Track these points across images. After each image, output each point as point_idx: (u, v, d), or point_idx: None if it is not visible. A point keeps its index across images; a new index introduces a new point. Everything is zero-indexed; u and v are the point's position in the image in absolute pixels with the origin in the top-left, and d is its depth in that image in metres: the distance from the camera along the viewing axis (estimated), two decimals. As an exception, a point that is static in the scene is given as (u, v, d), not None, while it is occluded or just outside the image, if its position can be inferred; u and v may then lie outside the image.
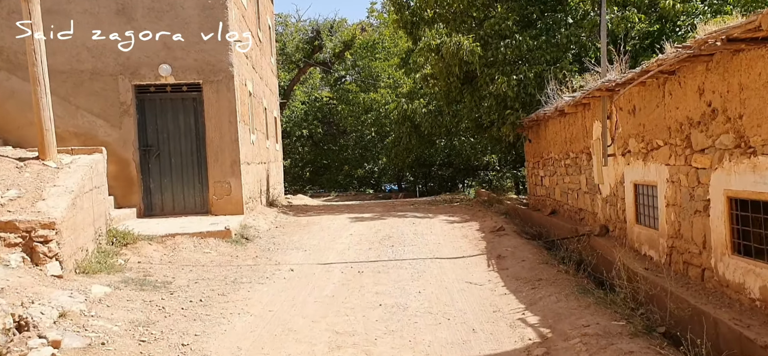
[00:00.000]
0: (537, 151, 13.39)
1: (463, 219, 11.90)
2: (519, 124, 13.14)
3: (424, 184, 34.26)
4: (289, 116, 32.42)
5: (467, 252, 8.32)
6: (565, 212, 11.28)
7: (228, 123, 10.72)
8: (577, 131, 10.11)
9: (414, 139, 22.70)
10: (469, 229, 10.32)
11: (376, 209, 14.56)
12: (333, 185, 34.57)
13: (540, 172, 13.31)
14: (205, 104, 10.69)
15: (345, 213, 13.77)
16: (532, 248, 8.19)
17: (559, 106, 9.99)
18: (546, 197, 12.84)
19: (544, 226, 11.66)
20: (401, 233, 10.11)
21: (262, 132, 15.05)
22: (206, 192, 10.82)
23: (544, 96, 11.59)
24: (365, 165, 33.35)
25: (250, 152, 12.35)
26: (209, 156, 10.75)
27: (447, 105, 16.46)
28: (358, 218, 12.58)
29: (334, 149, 34.99)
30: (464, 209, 13.86)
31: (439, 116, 20.89)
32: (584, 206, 10.04)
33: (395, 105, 24.75)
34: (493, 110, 13.80)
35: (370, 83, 33.04)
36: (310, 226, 11.26)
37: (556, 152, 11.78)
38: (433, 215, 12.91)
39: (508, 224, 10.36)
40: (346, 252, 8.50)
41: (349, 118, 31.63)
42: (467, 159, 24.38)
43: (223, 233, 8.90)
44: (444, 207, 14.79)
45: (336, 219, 12.38)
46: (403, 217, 12.53)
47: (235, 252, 8.35)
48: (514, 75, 13.02)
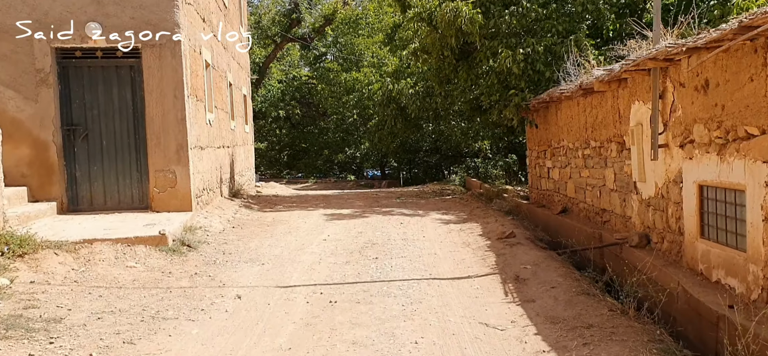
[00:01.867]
0: (544, 138, 11.52)
1: (459, 219, 10.00)
2: (525, 106, 11.24)
3: (408, 170, 32.33)
4: (264, 95, 30.19)
5: (473, 269, 6.41)
6: (581, 211, 9.44)
7: (173, 98, 8.64)
8: (604, 114, 8.23)
9: (399, 122, 20.70)
10: (470, 233, 8.42)
11: (357, 204, 12.60)
12: (312, 171, 32.49)
13: (547, 162, 11.45)
14: (145, 74, 8.58)
15: (320, 208, 11.79)
16: (557, 265, 6.31)
17: (584, 83, 8.08)
18: (554, 192, 10.99)
19: (555, 228, 9.82)
20: (387, 237, 8.17)
21: (224, 111, 12.96)
22: (146, 183, 8.76)
23: (562, 72, 9.69)
24: (346, 150, 31.30)
25: (205, 134, 10.28)
26: (149, 139, 8.67)
27: (439, 84, 14.49)
28: (335, 215, 10.62)
29: (315, 131, 32.89)
30: (459, 205, 11.97)
31: (427, 98, 18.90)
32: (610, 206, 8.20)
33: (379, 85, 22.75)
34: (494, 89, 11.87)
35: (353, 62, 30.90)
36: (275, 226, 9.27)
37: (570, 139, 9.91)
38: (424, 212, 10.99)
39: (517, 228, 8.46)
40: (315, 267, 6.54)
41: (330, 99, 29.51)
42: (456, 146, 22.46)
43: (157, 239, 6.87)
44: (435, 202, 12.88)
45: (309, 217, 10.40)
46: (389, 215, 10.60)
47: (170, 266, 6.34)
48: (520, 48, 11.09)
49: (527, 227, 9.11)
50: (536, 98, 10.76)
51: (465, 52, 13.35)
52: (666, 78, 6.15)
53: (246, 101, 18.49)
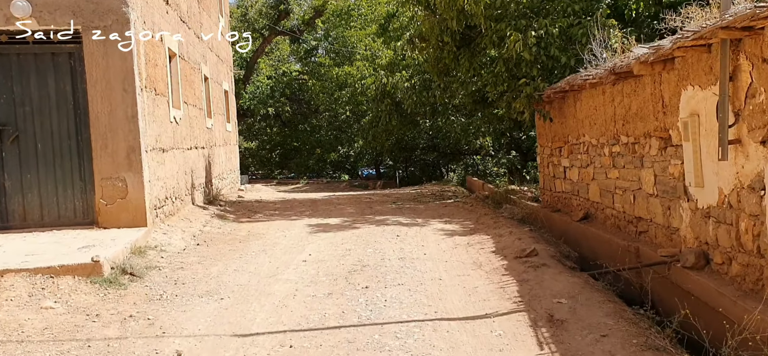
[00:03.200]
0: (559, 133, 10.11)
1: (466, 229, 8.58)
2: (537, 97, 9.82)
3: (404, 169, 30.87)
4: (253, 92, 28.66)
5: (491, 303, 4.99)
6: (607, 218, 8.05)
7: (122, 91, 7.18)
8: (641, 104, 6.83)
9: (394, 119, 19.30)
10: (481, 249, 7.00)
11: (348, 210, 11.16)
12: (303, 171, 31.00)
13: (562, 161, 10.04)
14: (88, 62, 7.13)
15: (305, 216, 10.35)
16: (600, 298, 4.89)
17: (617, 66, 6.67)
18: (571, 195, 9.59)
19: (576, 238, 8.43)
20: (381, 256, 6.75)
21: (197, 107, 11.51)
22: (91, 194, 7.30)
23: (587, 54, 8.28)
24: (339, 148, 29.84)
25: (168, 133, 8.83)
26: (94, 140, 7.21)
27: (437, 75, 13.06)
28: (321, 226, 9.18)
29: (307, 129, 31.41)
30: (463, 211, 10.56)
31: (424, 92, 17.52)
32: (648, 214, 6.81)
33: (372, 79, 21.32)
34: (501, 78, 10.46)
35: (345, 56, 29.41)
36: (249, 242, 7.83)
37: (593, 134, 8.51)
38: (424, 220, 9.57)
39: (538, 243, 7.03)
40: (288, 303, 5.10)
41: (321, 95, 28.03)
42: (456, 143, 21.03)
43: (88, 268, 5.43)
44: (435, 207, 11.47)
45: (290, 228, 8.96)
46: (383, 224, 9.18)
47: (100, 306, 4.91)
48: (531, 31, 9.67)
49: (548, 239, 7.69)
50: (551, 87, 9.35)
51: (467, 39, 11.94)
52: (738, 54, 4.75)
53: (228, 97, 17.02)
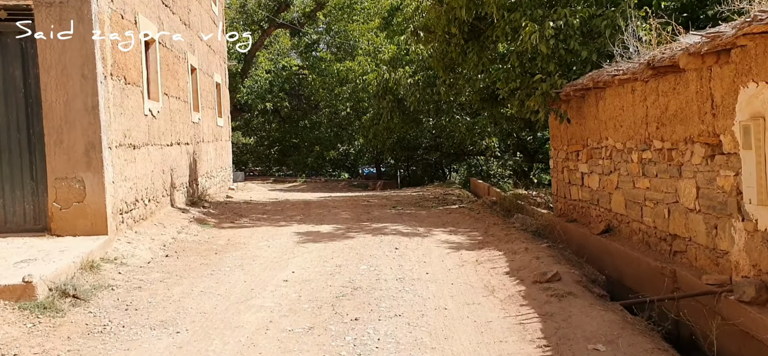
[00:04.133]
0: (577, 135, 9.13)
1: (473, 241, 7.60)
2: (554, 95, 8.82)
3: (406, 168, 29.87)
4: (250, 86, 27.69)
5: (509, 348, 4.01)
6: (633, 233, 7.07)
7: (80, 78, 6.22)
8: (682, 103, 5.85)
9: (396, 116, 18.32)
10: (493, 269, 6.02)
11: (343, 216, 10.18)
12: (302, 168, 30.01)
13: (580, 166, 9.06)
14: (40, 45, 6.17)
15: (295, 222, 9.37)
16: (647, 344, 3.91)
17: (656, 58, 5.67)
18: (590, 205, 8.61)
19: (597, 254, 7.46)
20: (376, 275, 5.78)
21: (180, 100, 10.54)
22: (43, 196, 6.34)
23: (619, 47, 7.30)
24: (339, 146, 28.85)
25: (141, 128, 7.87)
26: (48, 135, 6.25)
27: (443, 70, 12.06)
28: (311, 234, 8.20)
29: (307, 126, 30.43)
30: (469, 218, 9.58)
31: (428, 89, 16.53)
32: (686, 232, 5.84)
33: (374, 75, 20.35)
34: (514, 74, 9.47)
35: (347, 51, 28.41)
36: (226, 253, 6.85)
37: (618, 137, 7.53)
38: (426, 229, 8.59)
39: (559, 263, 6.03)
40: (258, 341, 4.12)
41: (321, 90, 27.03)
42: (460, 143, 20.01)
43: (18, 291, 4.47)
44: (438, 213, 10.49)
45: (276, 236, 7.98)
46: (380, 233, 8.20)
47: (21, 343, 3.95)
48: (549, 22, 8.68)
49: (569, 258, 6.69)
50: (571, 84, 8.36)
51: (476, 31, 10.95)
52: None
53: (220, 90, 16.05)
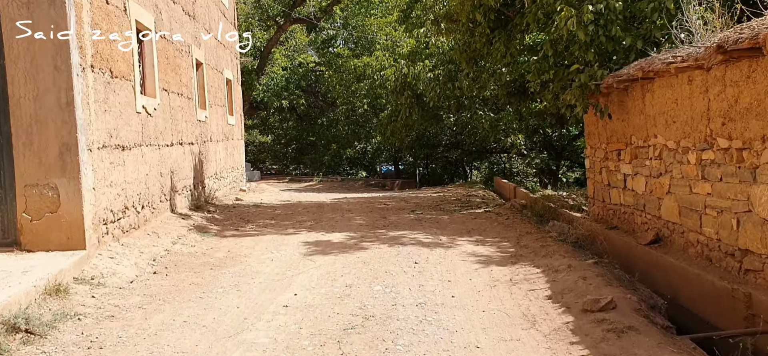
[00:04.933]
0: (618, 132, 8.12)
1: (505, 254, 6.65)
2: (594, 87, 7.82)
3: (425, 166, 28.91)
4: (266, 83, 26.94)
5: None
6: (691, 246, 6.07)
7: (53, 71, 5.42)
8: (761, 94, 4.85)
9: (415, 112, 17.41)
10: (531, 291, 5.08)
11: (357, 221, 9.28)
12: (318, 167, 29.22)
13: (622, 167, 8.05)
14: (5, 30, 5.39)
15: (304, 230, 8.49)
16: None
17: (729, 40, 4.69)
18: (634, 210, 7.61)
19: (646, 268, 6.47)
20: (393, 298, 4.89)
21: (183, 96, 9.75)
22: (11, 205, 5.56)
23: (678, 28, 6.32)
24: (356, 144, 27.99)
25: (132, 126, 7.07)
26: (16, 136, 5.47)
27: (466, 63, 11.12)
28: (321, 244, 7.33)
29: (324, 123, 29.64)
30: (498, 225, 8.62)
31: (448, 83, 15.59)
32: (763, 248, 4.85)
33: (393, 70, 19.44)
34: (547, 64, 8.50)
35: (364, 46, 27.52)
36: (222, 270, 6.01)
37: (670, 135, 6.53)
38: (449, 238, 7.66)
39: (611, 285, 5.07)
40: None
41: (338, 87, 26.19)
42: (483, 140, 19.00)
43: (-46, 327, 3.66)
44: (462, 218, 9.54)
45: (282, 246, 7.13)
46: (398, 243, 7.29)
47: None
48: (588, 5, 7.68)
49: (619, 277, 5.71)
50: (615, 75, 7.35)
51: (503, 19, 9.99)
52: None
53: (231, 87, 15.29)
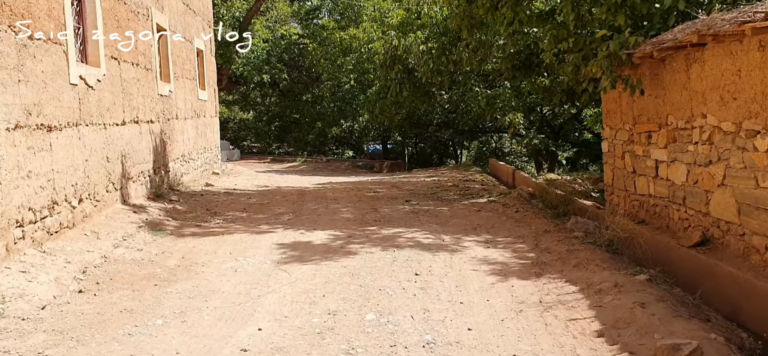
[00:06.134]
0: (650, 110, 6.87)
1: (524, 260, 5.42)
2: (624, 57, 6.55)
3: (414, 145, 27.64)
4: (247, 56, 25.37)
5: None
6: (755, 251, 4.86)
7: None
8: None
9: (406, 89, 16.08)
10: (573, 323, 3.86)
11: (344, 215, 7.99)
12: (302, 146, 27.81)
13: (654, 152, 6.82)
14: None
15: (280, 226, 7.18)
16: None
17: None
18: (670, 204, 6.39)
19: (690, 275, 5.28)
20: (390, 335, 3.64)
21: (140, 67, 8.34)
22: None
23: None
24: (342, 122, 26.61)
25: (64, 101, 5.69)
26: None
27: (468, 30, 9.81)
28: (298, 246, 6.04)
29: (308, 100, 28.18)
30: (507, 219, 7.38)
31: (442, 57, 14.25)
32: None
33: (381, 43, 18.04)
34: (564, 31, 7.23)
35: (350, 18, 26.01)
36: (171, 285, 4.70)
37: (725, 114, 5.29)
38: (453, 237, 6.42)
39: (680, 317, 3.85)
40: None
41: (323, 61, 24.70)
42: (478, 118, 17.71)
43: None
44: (464, 210, 8.29)
45: (251, 250, 5.84)
46: (392, 245, 6.03)
47: None
48: (620, -43, 6.41)
49: (682, 298, 4.50)
50: (655, 41, 6.08)
51: (510, -21, 8.68)
52: None
53: (202, 58, 13.83)
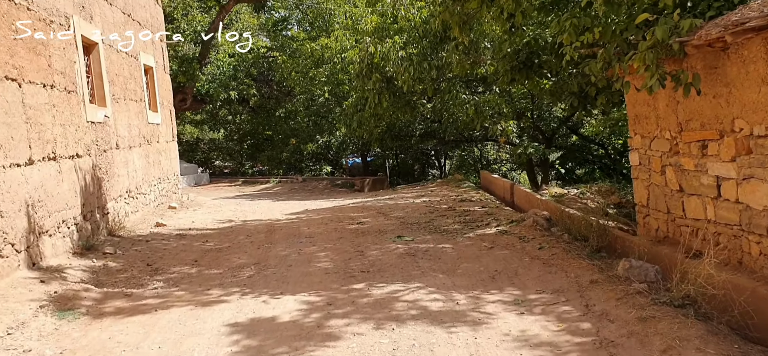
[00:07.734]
0: (706, 114, 5.35)
1: (581, 339, 3.85)
2: (676, 47, 5.04)
3: (395, 157, 26.07)
4: (212, 73, 23.54)
5: None
6: None
7: None
8: None
9: (385, 99, 14.49)
10: None
11: (321, 261, 6.31)
12: (277, 165, 26.00)
13: (712, 166, 5.28)
14: None
15: (237, 288, 5.49)
16: None
17: None
18: (743, 233, 4.86)
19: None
20: None
21: (56, 89, 6.61)
22: None
23: None
24: (318, 138, 24.91)
25: None
26: None
27: (459, 28, 8.26)
28: (257, 328, 4.34)
29: (281, 116, 26.47)
30: (534, 263, 5.81)
31: (424, 62, 12.77)
32: None
33: (356, 51, 16.50)
34: (589, 19, 5.71)
35: (321, 27, 24.39)
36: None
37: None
38: (468, 297, 4.82)
39: None
40: None
41: (294, 74, 23.02)
42: (465, 126, 16.19)
43: None
44: (474, 248, 6.68)
45: (193, 336, 4.15)
46: (388, 316, 4.39)
47: None
48: None
49: None
50: (720, 23, 4.57)
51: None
52: None
53: (153, 76, 12.08)
